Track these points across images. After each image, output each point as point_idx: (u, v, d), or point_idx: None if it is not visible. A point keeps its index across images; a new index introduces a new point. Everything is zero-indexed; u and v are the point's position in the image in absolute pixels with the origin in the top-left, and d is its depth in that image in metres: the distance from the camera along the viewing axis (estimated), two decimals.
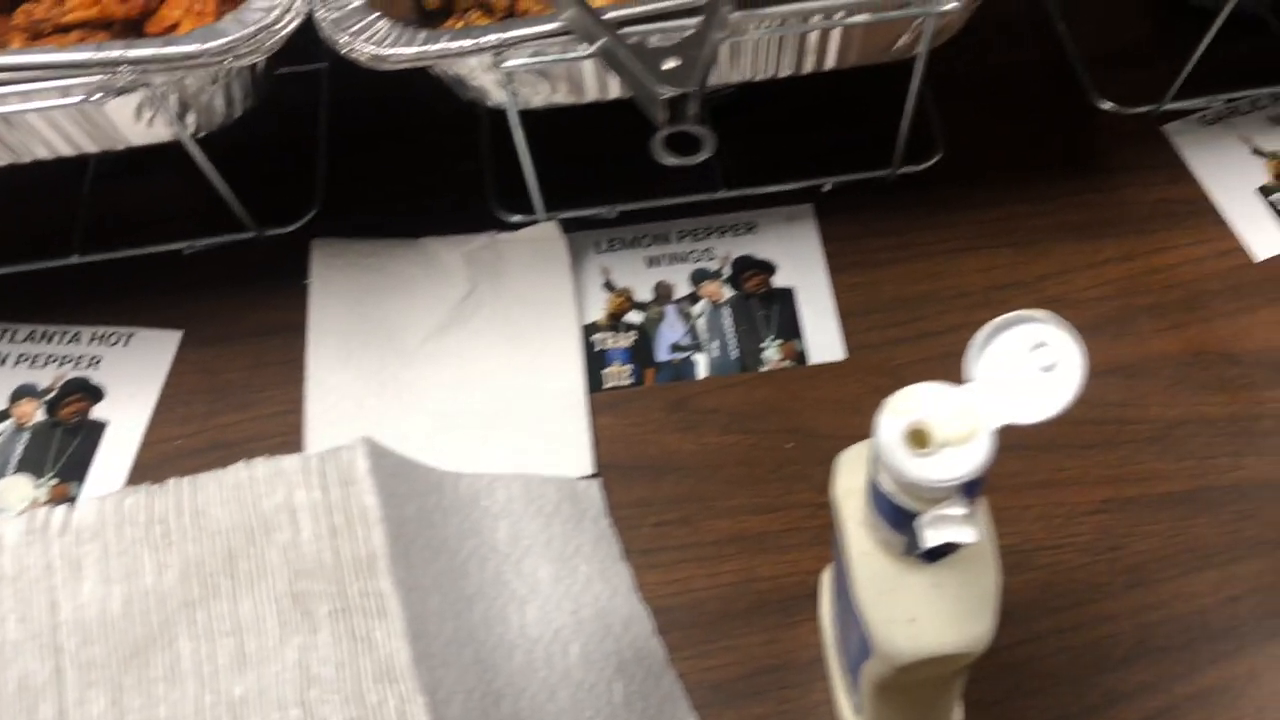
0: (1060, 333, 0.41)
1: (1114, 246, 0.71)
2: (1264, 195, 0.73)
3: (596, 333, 0.68)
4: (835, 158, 0.73)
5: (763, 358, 0.67)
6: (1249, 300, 0.68)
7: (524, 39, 0.53)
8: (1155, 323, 0.68)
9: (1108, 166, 0.75)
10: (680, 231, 0.72)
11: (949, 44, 0.72)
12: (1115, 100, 0.76)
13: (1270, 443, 0.63)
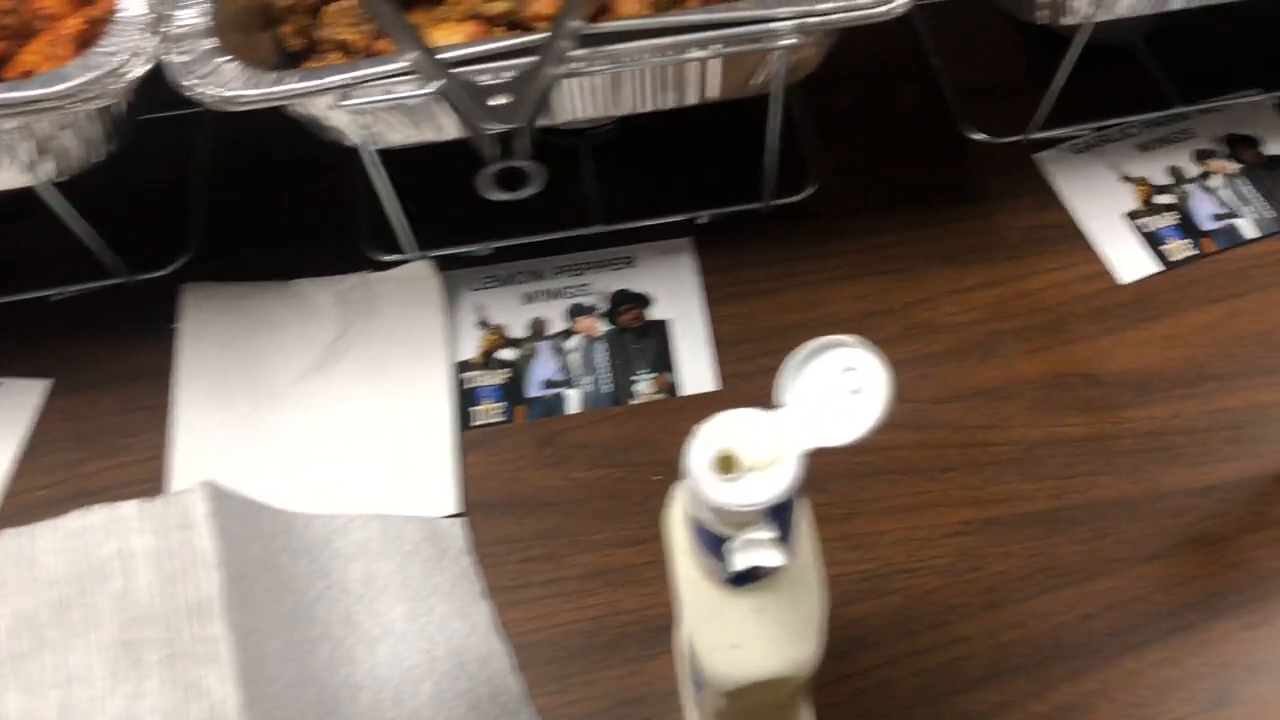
0: (868, 357, 0.42)
1: (984, 272, 0.73)
2: (1131, 220, 0.75)
3: (468, 371, 0.69)
4: (714, 191, 0.75)
5: (635, 391, 0.68)
6: (1112, 322, 0.70)
7: (365, 79, 0.54)
8: (1021, 346, 0.70)
9: (980, 195, 0.77)
10: (559, 267, 0.73)
11: (826, 78, 0.74)
12: (987, 131, 0.78)
13: (1127, 461, 0.64)
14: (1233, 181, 0.77)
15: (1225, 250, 0.74)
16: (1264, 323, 0.70)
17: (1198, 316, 0.71)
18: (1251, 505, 0.63)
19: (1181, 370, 0.69)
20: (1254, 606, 0.60)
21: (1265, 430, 0.66)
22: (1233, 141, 0.79)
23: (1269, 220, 0.75)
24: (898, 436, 0.67)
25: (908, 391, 0.67)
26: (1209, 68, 0.81)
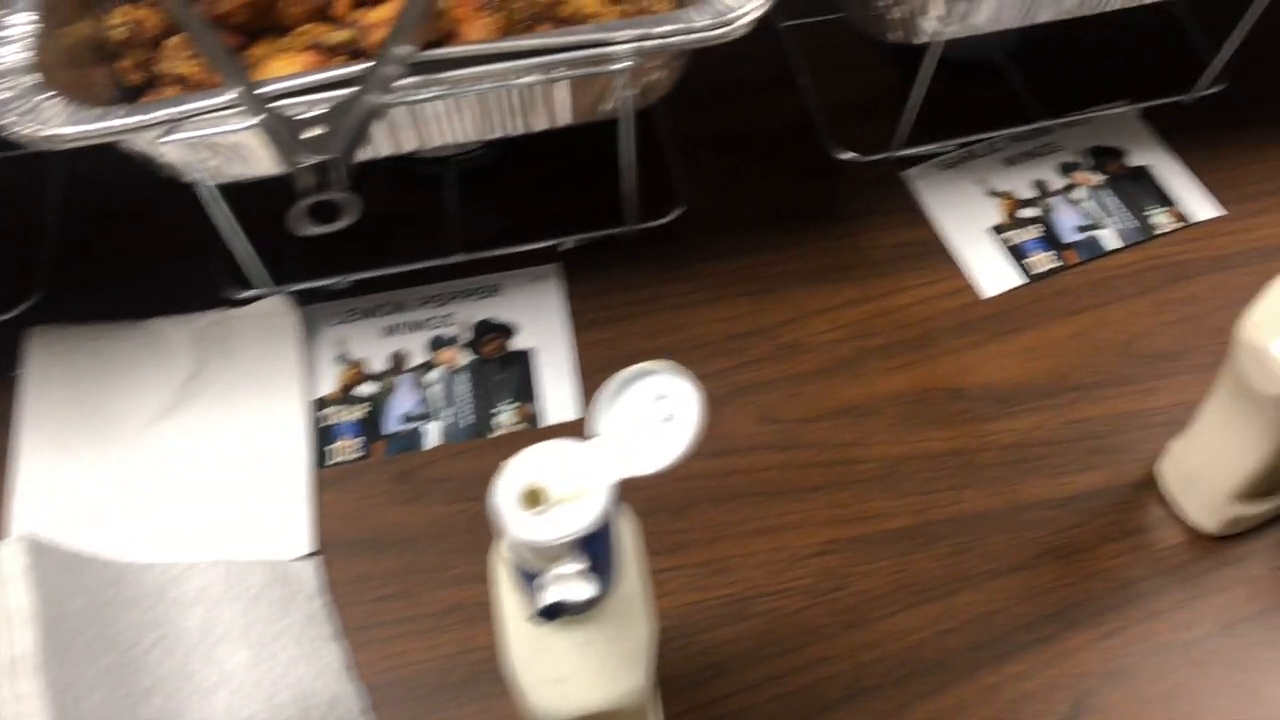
0: (680, 383, 0.42)
1: (851, 290, 0.74)
2: (996, 234, 0.76)
3: (326, 407, 0.68)
4: (581, 215, 0.75)
5: (496, 422, 0.68)
6: (976, 336, 0.71)
7: (187, 114, 0.53)
8: (886, 362, 0.70)
9: (849, 213, 0.78)
10: (422, 298, 0.73)
11: (694, 98, 0.75)
12: (855, 149, 0.80)
13: (989, 474, 0.65)
14: (1097, 193, 0.78)
15: (1088, 261, 0.75)
16: (1125, 332, 0.72)
17: (1060, 328, 0.72)
18: (1110, 514, 0.64)
19: (1044, 382, 0.70)
20: (1111, 616, 0.60)
21: (1124, 439, 0.67)
22: (1097, 153, 0.81)
23: (1131, 230, 0.76)
24: (765, 458, 0.67)
25: (776, 412, 0.68)
26: (1075, 81, 0.83)
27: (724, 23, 0.57)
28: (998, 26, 0.67)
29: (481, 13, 0.63)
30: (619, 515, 0.46)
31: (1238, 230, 0.77)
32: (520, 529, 0.40)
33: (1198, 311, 0.73)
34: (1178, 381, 0.70)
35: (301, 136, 0.47)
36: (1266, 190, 0.79)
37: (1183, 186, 0.79)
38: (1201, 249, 0.76)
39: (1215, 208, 0.78)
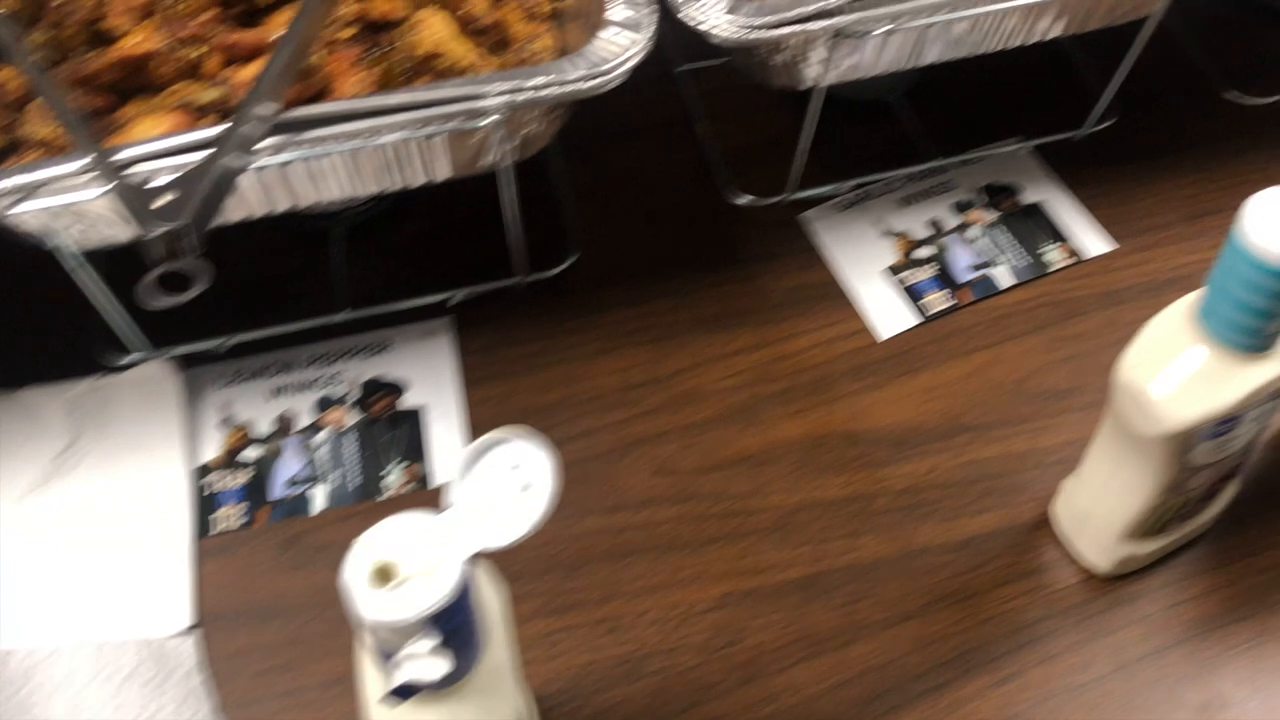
0: (534, 451, 0.42)
1: (748, 336, 0.74)
2: (892, 274, 0.77)
3: (209, 474, 0.67)
4: (473, 268, 0.75)
5: (385, 484, 0.67)
6: (872, 379, 0.72)
7: (38, 183, 0.52)
8: (783, 409, 0.71)
9: (746, 257, 0.78)
10: (310, 357, 0.73)
11: (590, 143, 0.75)
12: (753, 193, 0.80)
13: (884, 520, 0.66)
14: (990, 231, 0.80)
15: (982, 300, 0.76)
16: (1018, 371, 0.73)
17: (955, 368, 0.73)
18: (1006, 557, 0.65)
19: (938, 423, 0.70)
20: (1006, 661, 0.61)
21: (1019, 480, 0.68)
22: (991, 191, 0.82)
23: (1024, 268, 0.77)
24: (660, 511, 0.67)
25: (671, 464, 0.68)
26: (969, 119, 0.85)
27: (599, 74, 0.57)
28: (881, 71, 0.68)
29: (357, 67, 0.63)
30: (482, 585, 0.46)
31: (1129, 265, 0.78)
32: (370, 608, 0.40)
33: (1089, 348, 0.74)
34: (1070, 419, 0.71)
35: (152, 205, 0.47)
36: (1157, 224, 0.80)
37: (1075, 222, 0.80)
38: (1093, 284, 0.77)
39: (1107, 242, 0.79)
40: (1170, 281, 0.78)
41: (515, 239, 0.70)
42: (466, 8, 0.65)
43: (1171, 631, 0.62)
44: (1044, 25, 0.68)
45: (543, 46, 0.64)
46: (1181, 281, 0.78)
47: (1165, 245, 0.80)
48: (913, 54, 0.69)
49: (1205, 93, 0.87)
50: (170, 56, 0.63)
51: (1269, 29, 0.93)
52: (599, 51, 0.58)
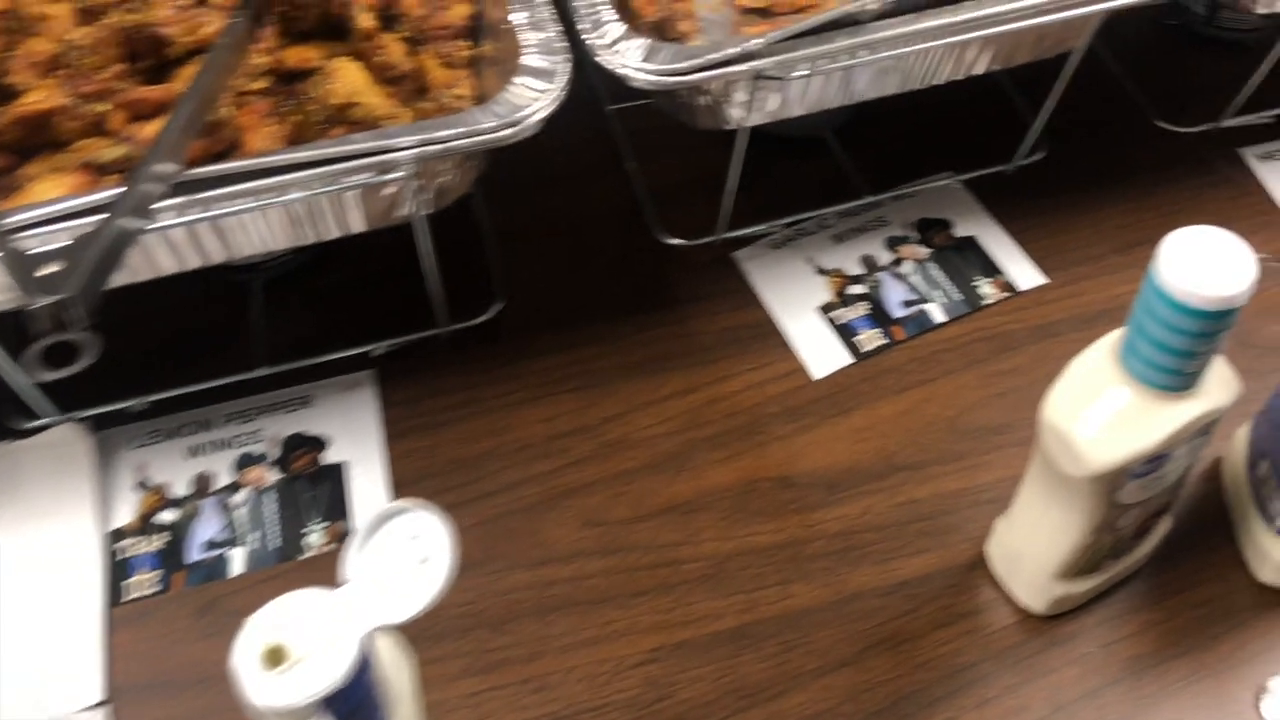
0: (432, 522, 0.41)
1: (679, 380, 0.74)
2: (825, 313, 0.77)
3: (124, 539, 0.66)
4: (396, 318, 0.74)
5: (306, 544, 0.66)
6: (806, 420, 0.72)
7: None
8: (715, 454, 0.70)
9: (677, 299, 0.78)
10: (229, 414, 0.71)
11: (517, 186, 0.75)
12: (683, 233, 0.79)
13: (817, 565, 0.65)
14: (923, 266, 0.80)
15: (915, 337, 0.76)
16: (952, 407, 0.72)
17: (889, 406, 0.73)
18: (941, 599, 0.64)
19: (872, 463, 0.70)
20: (942, 706, 0.60)
21: (953, 519, 0.67)
22: (924, 226, 0.82)
23: (957, 303, 0.78)
24: (589, 564, 0.66)
25: (600, 515, 0.68)
26: (902, 153, 0.85)
27: (511, 123, 0.57)
28: (810, 110, 0.68)
29: (268, 120, 0.62)
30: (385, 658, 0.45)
31: (1062, 297, 0.79)
32: (260, 693, 0.38)
33: (1022, 383, 0.74)
34: (1004, 456, 0.71)
35: (36, 273, 0.46)
36: (1089, 255, 0.81)
37: (1007, 256, 0.81)
38: (1026, 318, 0.77)
39: (1039, 275, 0.80)
40: (1103, 313, 0.78)
41: (435, 290, 0.69)
42: (382, 56, 0.64)
43: (1109, 670, 0.62)
44: (970, 61, 0.68)
45: (461, 94, 0.64)
46: (1114, 313, 0.78)
47: (1098, 276, 0.80)
48: (842, 92, 0.69)
49: (1137, 122, 0.88)
50: (74, 113, 0.62)
51: (1199, 55, 0.94)
52: (512, 100, 0.57)
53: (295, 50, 0.64)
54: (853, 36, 0.60)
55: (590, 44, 0.60)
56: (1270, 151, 0.89)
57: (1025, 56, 0.71)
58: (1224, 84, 0.84)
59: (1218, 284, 0.45)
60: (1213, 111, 0.86)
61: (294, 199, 0.56)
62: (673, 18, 0.70)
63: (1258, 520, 0.63)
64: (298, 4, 0.62)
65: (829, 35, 0.60)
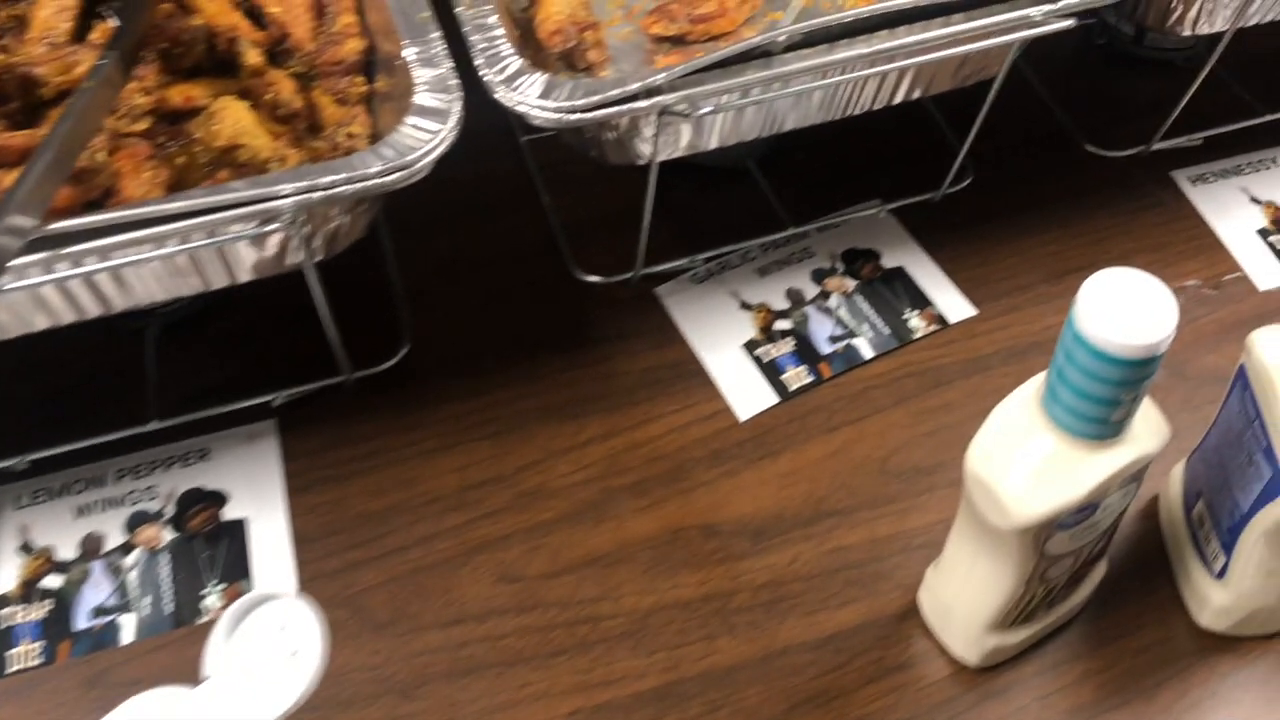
0: (301, 611, 0.39)
1: (599, 424, 0.71)
2: (750, 351, 0.74)
3: (4, 607, 0.63)
4: (300, 364, 0.71)
5: (203, 607, 0.63)
6: (731, 464, 0.69)
7: None
8: (636, 502, 0.68)
9: (596, 338, 0.76)
10: (120, 470, 0.68)
11: (429, 223, 0.73)
12: (602, 268, 0.77)
13: (744, 618, 0.63)
14: (851, 299, 0.78)
15: (844, 373, 0.75)
16: (882, 448, 0.71)
17: (817, 448, 0.71)
18: (873, 652, 0.63)
19: (800, 509, 0.68)
20: None
21: (884, 566, 0.66)
22: (851, 257, 0.81)
23: (885, 338, 0.76)
24: (504, 623, 0.64)
25: (515, 569, 0.65)
26: (829, 183, 0.83)
27: (400, 167, 0.54)
28: (728, 143, 0.66)
29: (148, 163, 0.59)
30: None
31: (992, 329, 0.77)
32: None
33: (953, 420, 0.72)
34: (935, 498, 0.69)
35: None
36: (1020, 284, 0.80)
37: (936, 287, 0.79)
38: (956, 352, 0.76)
39: (969, 307, 0.78)
40: (1034, 345, 0.77)
41: (333, 338, 0.66)
42: (272, 93, 0.61)
43: None
44: (889, 90, 0.67)
45: (355, 132, 0.61)
46: (1045, 345, 0.77)
47: (1028, 307, 0.79)
48: (760, 124, 0.67)
49: (1066, 146, 0.87)
50: None
51: (1128, 75, 0.93)
52: (402, 142, 0.55)
53: (180, 88, 0.61)
54: (763, 69, 0.58)
55: (487, 80, 0.57)
56: (1202, 174, 0.88)
57: (946, 84, 0.69)
58: (1154, 105, 0.83)
59: (1140, 331, 0.43)
60: (1143, 134, 0.85)
61: (170, 252, 0.53)
62: (581, 47, 0.68)
63: (1196, 563, 0.62)
64: (179, 40, 0.59)
65: (738, 68, 0.58)
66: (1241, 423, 0.56)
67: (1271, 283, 0.81)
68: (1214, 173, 0.88)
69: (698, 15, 0.71)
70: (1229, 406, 0.58)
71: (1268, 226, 0.84)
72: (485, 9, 0.59)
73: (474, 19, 0.59)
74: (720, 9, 0.72)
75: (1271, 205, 0.86)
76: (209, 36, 0.61)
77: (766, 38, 0.58)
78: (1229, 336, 0.78)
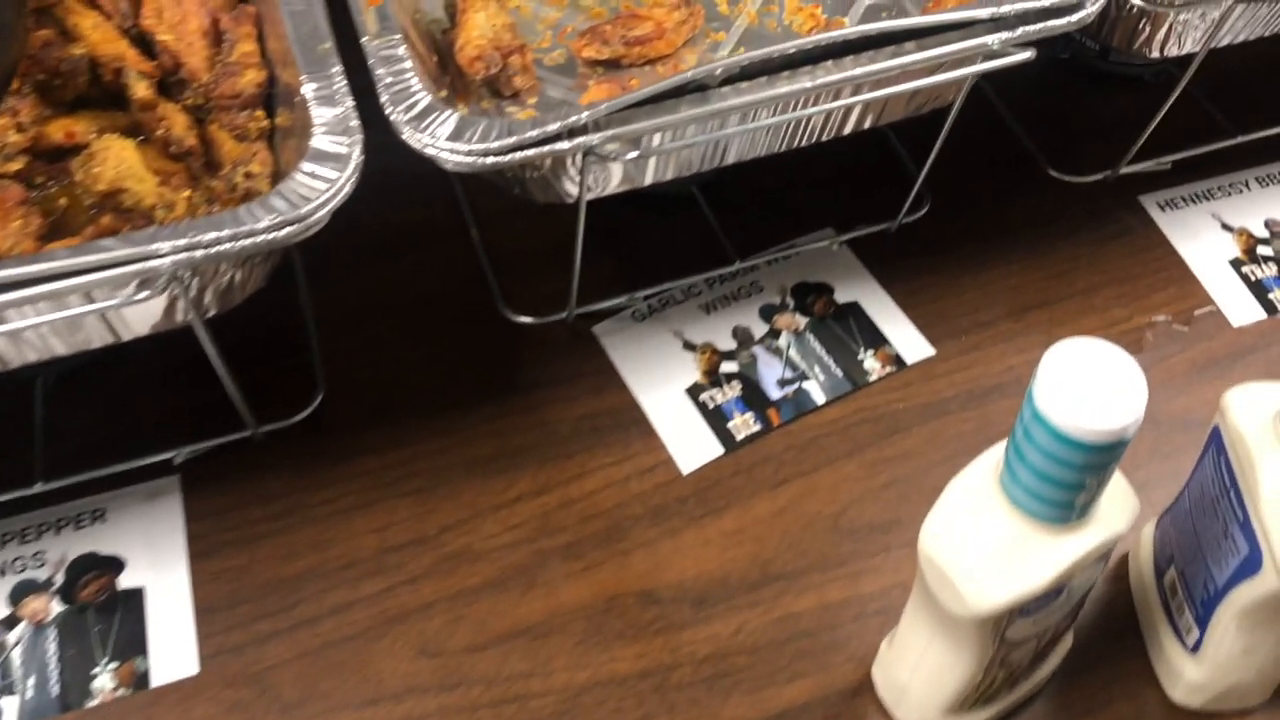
0: None
1: (530, 478, 0.67)
2: (693, 396, 0.70)
3: None
4: (206, 416, 0.66)
5: (93, 688, 0.59)
6: (673, 522, 0.66)
7: None
8: (569, 565, 0.64)
9: (529, 383, 0.71)
10: (4, 535, 0.63)
11: (349, 258, 0.71)
12: (533, 309, 0.73)
13: (684, 696, 0.59)
14: (802, 338, 0.74)
15: (794, 420, 0.71)
16: (834, 503, 0.67)
17: (765, 504, 0.67)
18: None
19: (746, 571, 0.64)
20: None
21: (836, 636, 0.62)
22: (803, 291, 0.77)
23: (838, 380, 0.72)
24: (424, 702, 0.60)
25: (437, 642, 0.61)
26: (779, 211, 0.80)
27: (294, 220, 0.49)
28: (667, 179, 0.62)
29: (18, 210, 0.54)
30: None
31: (950, 370, 0.74)
32: None
33: (911, 470, 0.69)
34: (891, 559, 0.65)
35: None
36: (977, 322, 0.76)
37: (893, 323, 0.76)
38: (914, 395, 0.72)
39: (926, 346, 0.75)
40: (995, 387, 0.73)
41: (233, 394, 0.61)
42: (164, 128, 0.56)
43: None
44: (836, 122, 0.63)
45: (256, 171, 0.56)
46: (1006, 387, 0.73)
47: (989, 345, 0.75)
48: (704, 158, 0.63)
49: (1028, 169, 0.84)
50: None
51: (1094, 93, 0.89)
52: (297, 190, 0.50)
53: (61, 123, 0.56)
54: (698, 104, 0.54)
55: (394, 120, 0.52)
56: (1171, 198, 0.85)
57: (899, 114, 0.65)
58: (1121, 124, 0.80)
59: (1106, 412, 0.40)
60: (1109, 156, 0.81)
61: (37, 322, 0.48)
62: (507, 73, 0.64)
63: (1168, 633, 0.59)
64: (58, 71, 0.54)
65: (672, 103, 0.54)
66: (1216, 489, 0.52)
67: (1245, 318, 0.78)
68: (1184, 197, 0.85)
69: (633, 38, 0.67)
70: (1203, 468, 0.54)
71: (1240, 256, 0.81)
72: (394, 39, 0.55)
73: (381, 49, 0.55)
74: (657, 30, 0.67)
75: (1244, 233, 0.82)
76: (92, 67, 0.56)
77: (702, 71, 0.53)
78: (1202, 377, 0.74)
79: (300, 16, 0.55)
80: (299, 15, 0.55)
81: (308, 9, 0.55)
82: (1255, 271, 0.80)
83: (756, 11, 0.73)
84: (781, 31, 0.73)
